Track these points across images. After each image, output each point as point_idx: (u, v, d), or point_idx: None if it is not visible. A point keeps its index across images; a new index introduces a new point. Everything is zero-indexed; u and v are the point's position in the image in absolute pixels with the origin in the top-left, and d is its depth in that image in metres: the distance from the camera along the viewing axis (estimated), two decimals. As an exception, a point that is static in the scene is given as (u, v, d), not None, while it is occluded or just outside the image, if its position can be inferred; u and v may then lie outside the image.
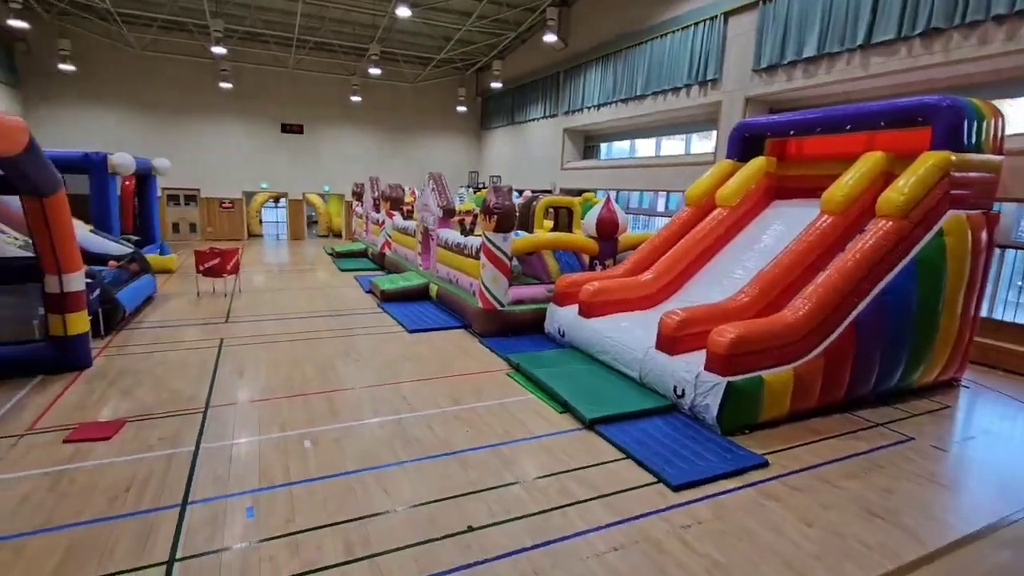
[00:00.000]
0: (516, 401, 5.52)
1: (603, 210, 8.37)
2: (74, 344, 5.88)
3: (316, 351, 6.97)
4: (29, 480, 3.79)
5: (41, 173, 4.83)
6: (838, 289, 5.34)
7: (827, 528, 3.55)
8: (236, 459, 4.18)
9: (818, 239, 6.07)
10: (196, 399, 5.30)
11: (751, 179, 7.66)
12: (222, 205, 19.17)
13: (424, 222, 10.56)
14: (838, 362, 5.34)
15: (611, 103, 14.18)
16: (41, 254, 5.47)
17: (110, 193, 10.43)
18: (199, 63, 17.79)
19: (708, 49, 11.00)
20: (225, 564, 3.02)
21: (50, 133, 16.54)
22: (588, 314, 6.91)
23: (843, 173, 6.36)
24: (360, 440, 4.56)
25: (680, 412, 5.24)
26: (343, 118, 20.47)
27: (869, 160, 6.33)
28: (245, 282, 11.31)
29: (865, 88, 8.70)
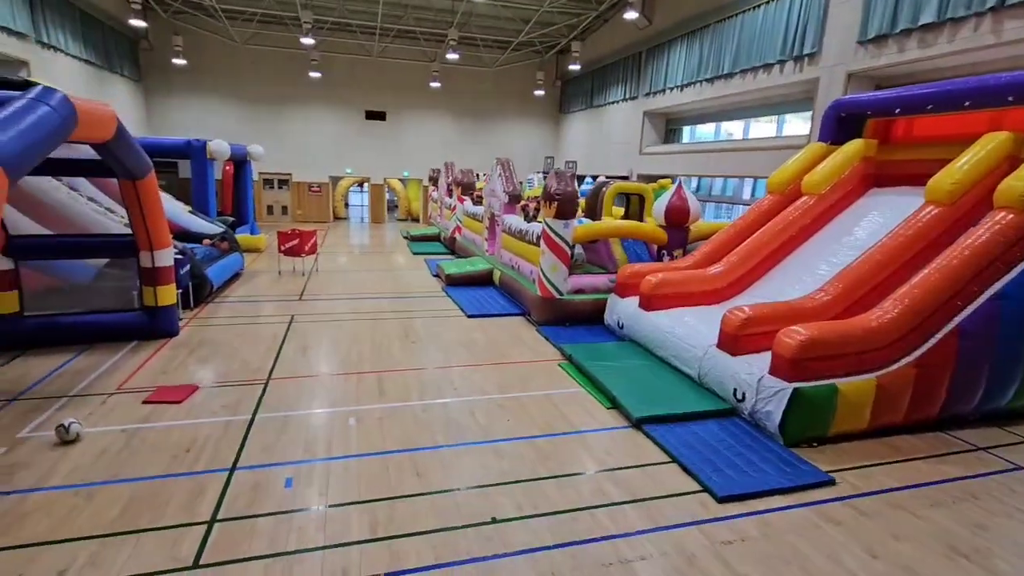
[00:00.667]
0: (563, 393, 5.37)
1: (673, 197, 7.89)
2: (163, 314, 6.47)
3: (376, 331, 7.20)
4: (109, 435, 4.21)
5: (131, 157, 5.29)
6: (937, 291, 4.65)
7: (896, 562, 3.12)
8: (285, 431, 4.39)
9: (919, 233, 5.32)
10: (261, 371, 5.64)
11: (845, 164, 6.88)
12: (311, 189, 20.36)
13: (491, 207, 10.55)
14: (933, 374, 4.67)
15: (695, 83, 13.33)
16: (135, 231, 6.04)
17: (208, 177, 11.36)
18: (292, 54, 18.88)
19: (806, 20, 9.97)
20: (258, 530, 3.17)
21: (166, 122, 18.37)
22: (649, 307, 6.56)
23: (957, 157, 5.52)
24: (402, 422, 4.63)
25: (739, 417, 4.84)
26: (424, 104, 20.93)
27: (990, 142, 5.43)
28: (323, 262, 11.94)
29: (995, 59, 7.48)
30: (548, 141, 22.61)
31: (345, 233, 18.15)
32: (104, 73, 15.03)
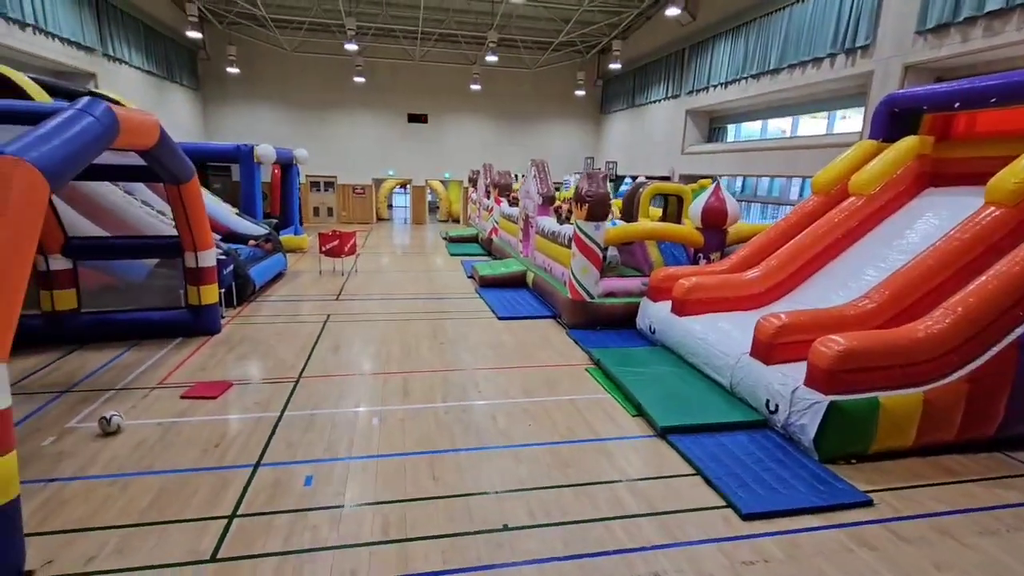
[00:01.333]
0: (588, 399, 5.27)
1: (711, 198, 7.63)
2: (206, 312, 6.77)
3: (406, 332, 7.29)
4: (147, 428, 4.43)
5: (175, 163, 5.56)
6: (995, 299, 4.29)
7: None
8: (310, 429, 4.50)
9: (977, 236, 4.92)
10: (293, 369, 5.81)
11: (897, 162, 6.47)
12: (355, 191, 20.91)
13: (525, 209, 10.52)
14: (990, 390, 4.31)
15: (740, 80, 12.86)
16: (180, 233, 6.34)
17: (255, 180, 11.83)
18: (338, 60, 19.44)
19: (859, 10, 9.44)
20: (274, 527, 3.25)
21: (222, 128, 19.27)
22: (681, 312, 6.36)
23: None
24: (423, 423, 4.66)
25: (772, 430, 4.61)
26: (464, 107, 21.12)
27: (1062, 137, 4.97)
28: (362, 263, 12.22)
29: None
30: (589, 142, 22.37)
31: (387, 234, 18.54)
32: (165, 83, 15.91)
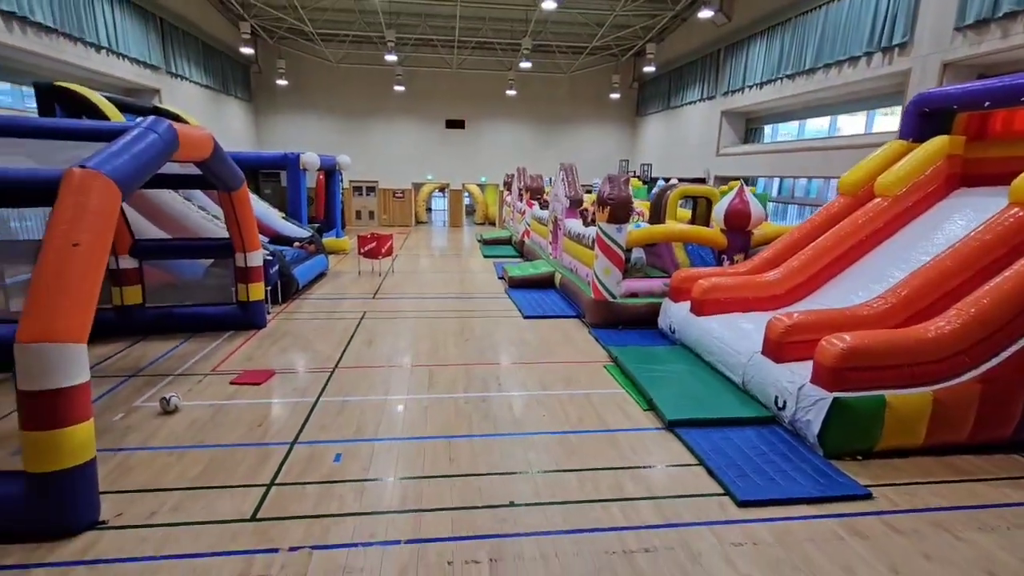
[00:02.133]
0: (603, 393, 5.50)
1: (735, 200, 7.70)
2: (253, 308, 7.36)
3: (436, 329, 7.69)
4: (200, 409, 4.96)
5: (226, 173, 6.14)
6: (1009, 300, 4.28)
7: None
8: (342, 413, 4.93)
9: (999, 237, 4.88)
10: (329, 360, 6.29)
11: (925, 163, 6.40)
12: (395, 195, 21.68)
13: (554, 212, 10.78)
14: (1004, 392, 4.30)
15: (775, 80, 12.73)
16: (231, 235, 6.95)
17: (301, 186, 12.57)
18: (380, 70, 20.24)
19: (896, 7, 9.26)
20: (306, 494, 3.66)
21: (272, 137, 20.39)
22: (699, 312, 6.49)
23: (1049, 153, 5.00)
24: (444, 411, 5.01)
25: (780, 426, 4.72)
26: (501, 112, 21.57)
27: (1092, 135, 4.87)
28: (399, 264, 12.77)
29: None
30: (624, 144, 22.40)
31: (424, 237, 19.14)
32: (221, 96, 17.04)
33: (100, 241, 3.48)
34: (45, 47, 9.52)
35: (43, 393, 3.08)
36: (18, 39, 8.93)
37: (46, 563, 2.99)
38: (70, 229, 3.36)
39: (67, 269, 3.27)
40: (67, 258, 3.29)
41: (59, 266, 3.25)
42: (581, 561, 3.07)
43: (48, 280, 3.20)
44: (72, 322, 3.21)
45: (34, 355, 3.05)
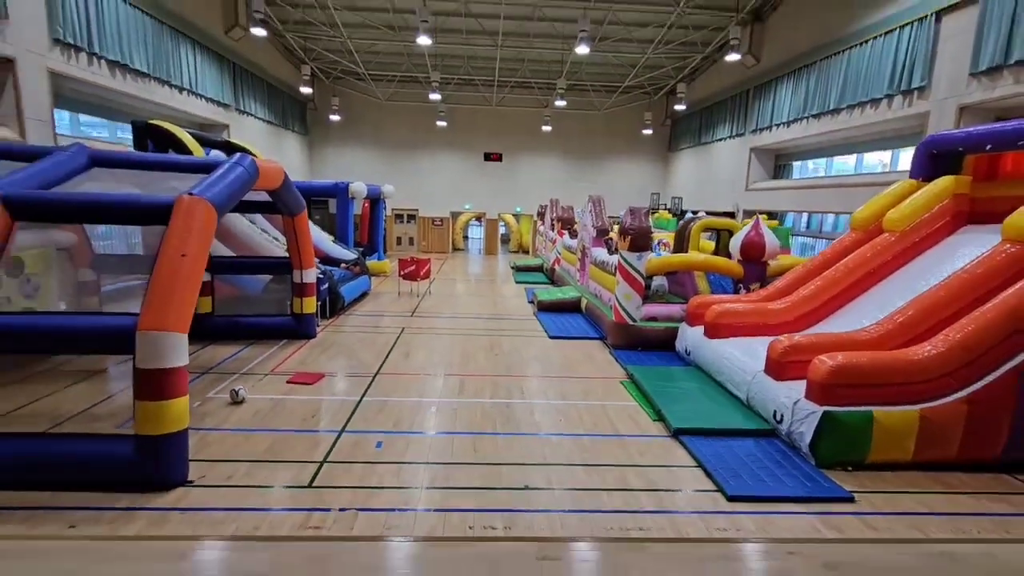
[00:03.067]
0: (617, 405, 6.00)
1: (751, 232, 8.17)
2: (306, 320, 8.21)
3: (468, 345, 8.36)
4: (262, 401, 5.72)
5: (291, 200, 7.07)
6: (993, 328, 4.63)
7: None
8: (383, 411, 5.60)
9: (990, 271, 5.25)
10: (371, 367, 7.02)
11: (931, 201, 6.78)
12: (433, 223, 22.80)
13: (582, 241, 11.42)
14: (990, 413, 4.61)
15: (802, 119, 13.20)
16: (290, 254, 7.86)
17: (349, 213, 13.66)
18: (424, 107, 21.64)
19: (915, 54, 9.70)
20: (352, 471, 4.31)
21: (324, 167, 21.93)
22: (712, 335, 6.94)
23: (1040, 194, 5.37)
24: (472, 413, 5.62)
25: (778, 439, 5.12)
26: (537, 146, 22.60)
27: (1080, 178, 5.22)
28: (436, 287, 13.59)
29: (1123, 86, 6.87)
30: (656, 178, 23.00)
31: (461, 263, 20.04)
32: (280, 130, 18.62)
33: (201, 253, 4.32)
34: (140, 89, 10.95)
35: (155, 371, 3.87)
36: (119, 83, 10.35)
37: (148, 507, 3.71)
38: (180, 243, 4.21)
39: (176, 274, 4.10)
40: (176, 266, 4.13)
41: (171, 272, 4.09)
42: (585, 533, 3.60)
43: (163, 282, 4.04)
44: (179, 316, 4.02)
45: (151, 341, 3.86)
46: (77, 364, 6.57)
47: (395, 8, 15.33)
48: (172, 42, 11.96)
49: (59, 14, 8.69)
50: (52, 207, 4.41)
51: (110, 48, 9.89)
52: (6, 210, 4.22)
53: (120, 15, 10.09)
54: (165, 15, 11.60)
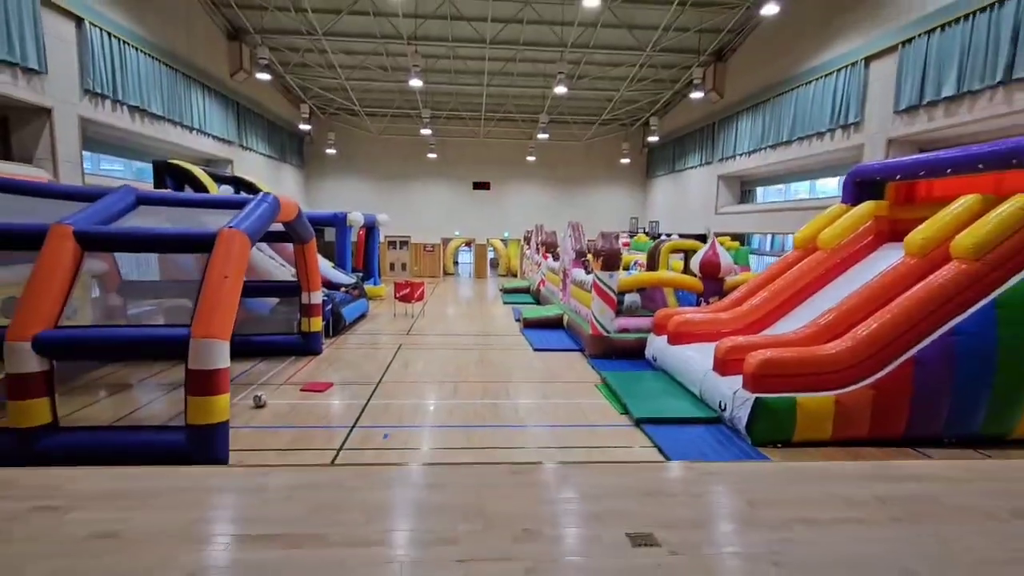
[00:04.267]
0: (590, 403, 6.92)
1: (708, 252, 9.25)
2: (313, 338, 9.08)
3: (460, 357, 9.26)
4: (281, 406, 6.57)
5: (303, 230, 8.03)
6: (891, 327, 5.65)
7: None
8: (387, 411, 6.47)
9: (892, 280, 6.30)
10: (374, 377, 7.89)
11: (856, 223, 7.89)
12: (425, 249, 23.81)
13: (563, 263, 12.45)
14: (891, 398, 5.59)
15: (760, 149, 14.51)
16: (299, 278, 8.78)
17: (347, 240, 14.62)
18: (415, 140, 22.90)
19: (849, 94, 11.03)
20: (365, 455, 5.17)
21: (320, 198, 22.95)
22: (674, 342, 7.92)
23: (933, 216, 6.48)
24: (464, 411, 6.51)
25: (724, 425, 6.06)
26: (522, 175, 23.87)
27: (963, 203, 6.34)
28: (428, 308, 14.51)
29: (1008, 125, 8.14)
30: (635, 203, 24.31)
31: (452, 286, 20.99)
32: (279, 163, 19.68)
33: (239, 275, 5.25)
34: (155, 131, 11.96)
35: (204, 371, 4.75)
36: (138, 126, 11.35)
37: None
38: (222, 267, 5.13)
39: (220, 292, 5.02)
40: (220, 286, 5.05)
41: (215, 290, 5.01)
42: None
43: (209, 299, 4.95)
44: (222, 326, 4.92)
45: (201, 346, 4.75)
46: (108, 379, 7.37)
47: (388, 52, 16.61)
48: (184, 87, 13.04)
49: (90, 67, 9.72)
50: (116, 240, 5.34)
51: (131, 95, 10.92)
52: (78, 242, 5.13)
53: (140, 66, 11.16)
54: (179, 63, 12.70)
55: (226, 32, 15.42)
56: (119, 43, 10.48)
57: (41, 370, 4.68)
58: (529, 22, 14.84)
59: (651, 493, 3.34)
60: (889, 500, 3.35)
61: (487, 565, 2.52)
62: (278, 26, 15.32)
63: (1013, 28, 7.65)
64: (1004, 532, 2.92)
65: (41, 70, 8.59)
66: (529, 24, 14.94)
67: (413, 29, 15.08)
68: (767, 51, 14.18)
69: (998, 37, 7.92)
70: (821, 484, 3.66)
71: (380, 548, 2.68)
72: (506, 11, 14.46)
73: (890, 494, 3.48)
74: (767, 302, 7.89)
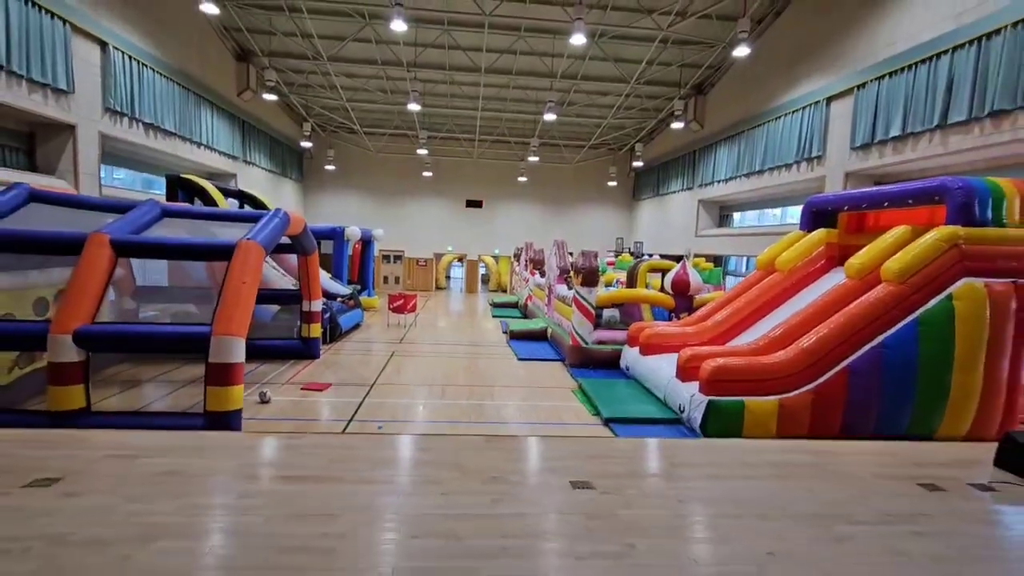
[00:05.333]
0: (566, 406, 7.63)
1: (679, 271, 10.06)
2: (312, 343, 9.74)
3: (449, 364, 9.94)
4: (284, 402, 7.22)
5: (308, 242, 8.74)
6: (827, 340, 6.44)
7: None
8: (381, 408, 7.14)
9: (833, 300, 7.10)
10: (369, 379, 8.55)
11: (809, 248, 8.74)
12: (418, 263, 24.53)
13: (548, 279, 13.23)
14: (828, 402, 6.35)
15: (736, 177, 15.48)
16: (302, 287, 9.47)
17: (344, 253, 15.33)
18: (411, 158, 23.78)
19: (813, 130, 12.02)
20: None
21: (319, 212, 23.67)
22: (645, 353, 8.67)
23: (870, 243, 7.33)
24: (451, 411, 7.19)
25: (683, 425, 6.79)
26: (513, 194, 24.79)
27: (895, 233, 7.20)
28: (421, 319, 15.19)
29: (948, 163, 9.09)
30: (622, 224, 25.26)
31: (444, 300, 21.68)
32: (279, 178, 20.43)
33: (255, 281, 5.95)
34: (167, 146, 12.69)
35: (222, 364, 5.42)
36: (151, 141, 12.08)
37: (219, 462, 5.19)
38: (240, 273, 5.84)
39: (238, 296, 5.71)
40: (238, 290, 5.75)
41: (234, 294, 5.70)
42: (526, 474, 5.18)
43: (229, 301, 5.64)
44: (240, 325, 5.61)
45: (221, 343, 5.43)
46: (121, 376, 7.98)
47: (388, 76, 17.54)
48: (195, 105, 13.82)
49: (111, 87, 10.47)
50: (146, 248, 6.04)
51: (147, 112, 11.68)
52: (113, 249, 5.82)
53: (156, 86, 11.93)
54: (191, 83, 13.49)
55: (235, 54, 16.27)
56: (138, 65, 11.25)
57: (79, 360, 5.33)
58: (521, 53, 15.83)
59: (595, 456, 4.06)
60: (780, 464, 4.10)
61: (463, 497, 3.23)
62: (285, 50, 16.20)
63: (947, 80, 8.62)
64: (864, 487, 3.67)
65: (69, 90, 9.33)
66: (521, 55, 15.93)
67: (413, 57, 16.02)
68: (743, 87, 15.24)
69: (935, 87, 8.90)
70: (731, 454, 4.40)
71: (383, 485, 3.42)
72: (500, 43, 15.45)
73: (782, 460, 4.23)
74: (729, 318, 8.68)
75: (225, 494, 3.32)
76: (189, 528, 2.80)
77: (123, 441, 3.91)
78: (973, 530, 3.11)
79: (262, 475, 3.65)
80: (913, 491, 3.62)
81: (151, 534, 2.67)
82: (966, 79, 8.31)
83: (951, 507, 3.39)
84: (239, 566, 2.45)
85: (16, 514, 2.78)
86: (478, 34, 14.91)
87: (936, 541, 2.93)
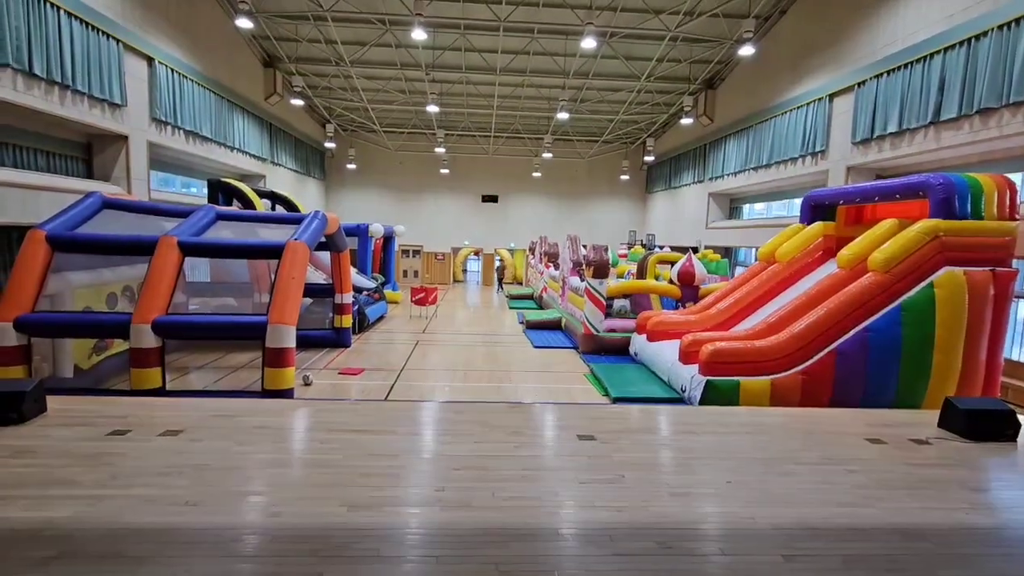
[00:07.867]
0: (578, 387, 8.35)
1: (685, 263, 10.67)
2: (344, 333, 10.58)
3: (469, 352, 10.72)
4: (324, 384, 8.05)
5: (340, 240, 9.56)
6: (817, 326, 7.05)
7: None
8: (410, 389, 7.93)
9: (826, 288, 7.69)
10: (397, 365, 9.36)
11: (807, 240, 9.29)
12: (436, 257, 25.37)
13: (562, 271, 13.91)
14: (818, 381, 6.97)
15: (745, 170, 15.94)
16: (334, 281, 10.30)
17: (368, 249, 16.17)
18: (429, 156, 24.54)
19: (817, 125, 12.46)
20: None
21: (340, 209, 24.57)
22: (652, 339, 9.34)
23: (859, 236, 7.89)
24: (473, 392, 7.96)
25: (684, 403, 7.47)
26: (528, 189, 25.42)
27: (883, 226, 7.75)
28: (441, 310, 16.00)
29: (942, 158, 9.54)
30: (635, 217, 25.76)
31: (461, 293, 22.50)
32: (303, 177, 21.35)
33: (302, 276, 6.76)
34: (203, 151, 13.60)
35: (277, 349, 6.24)
36: (191, 147, 13.00)
37: (276, 432, 6.02)
38: (290, 270, 6.64)
39: (289, 289, 6.52)
40: (288, 284, 6.55)
41: (285, 288, 6.51)
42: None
43: (281, 294, 6.45)
44: (291, 315, 6.42)
45: (276, 330, 6.24)
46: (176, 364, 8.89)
47: (407, 78, 18.28)
48: (228, 111, 14.71)
49: (157, 99, 11.37)
50: (208, 248, 6.88)
51: (188, 121, 12.58)
52: (180, 250, 6.67)
53: (196, 96, 12.83)
54: (224, 91, 14.38)
55: (262, 61, 17.13)
56: (179, 77, 12.14)
57: (157, 346, 6.19)
58: (535, 54, 16.43)
59: (598, 418, 4.78)
60: (751, 424, 4.78)
61: (491, 444, 4.00)
62: (309, 55, 17.02)
63: (940, 78, 9.07)
64: (817, 441, 4.34)
65: (122, 104, 10.23)
66: (535, 55, 16.53)
67: (431, 59, 16.72)
68: (750, 83, 15.66)
69: (929, 85, 9.34)
70: (710, 416, 5.10)
71: (427, 436, 4.23)
72: (514, 44, 16.06)
73: (753, 421, 4.91)
74: (731, 306, 9.29)
75: (310, 441, 4.25)
76: (288, 462, 3.70)
77: (221, 406, 4.74)
78: (895, 468, 3.78)
79: (333, 429, 4.42)
80: (859, 444, 4.28)
81: (264, 462, 3.60)
82: (956, 78, 8.75)
83: (885, 454, 4.06)
84: (330, 483, 3.26)
85: (163, 451, 3.70)
86: (493, 37, 15.54)
87: (861, 476, 3.61)
